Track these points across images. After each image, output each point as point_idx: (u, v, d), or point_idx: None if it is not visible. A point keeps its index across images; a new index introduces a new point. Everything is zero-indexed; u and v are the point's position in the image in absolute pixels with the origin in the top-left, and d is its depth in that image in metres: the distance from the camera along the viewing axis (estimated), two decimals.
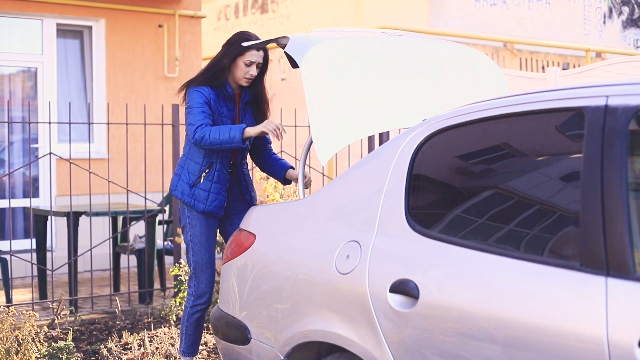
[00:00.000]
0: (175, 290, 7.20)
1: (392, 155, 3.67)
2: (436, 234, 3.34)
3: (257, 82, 5.37)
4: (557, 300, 2.82)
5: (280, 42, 4.73)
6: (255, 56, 5.22)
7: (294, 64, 4.60)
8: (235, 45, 5.23)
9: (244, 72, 5.23)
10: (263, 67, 5.34)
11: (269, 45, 5.34)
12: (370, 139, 8.52)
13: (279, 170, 5.51)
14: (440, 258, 3.28)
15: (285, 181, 5.52)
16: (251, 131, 5.02)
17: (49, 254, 8.88)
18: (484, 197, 3.38)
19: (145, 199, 8.18)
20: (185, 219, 5.36)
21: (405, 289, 3.28)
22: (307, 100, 4.28)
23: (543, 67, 14.26)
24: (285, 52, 4.59)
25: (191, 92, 5.23)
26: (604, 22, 15.58)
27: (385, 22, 12.78)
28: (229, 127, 5.04)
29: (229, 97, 5.29)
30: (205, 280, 5.33)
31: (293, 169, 5.48)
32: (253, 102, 5.42)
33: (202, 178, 5.24)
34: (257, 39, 5.24)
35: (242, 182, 5.43)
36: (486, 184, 3.43)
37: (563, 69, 13.08)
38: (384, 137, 8.29)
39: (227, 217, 5.43)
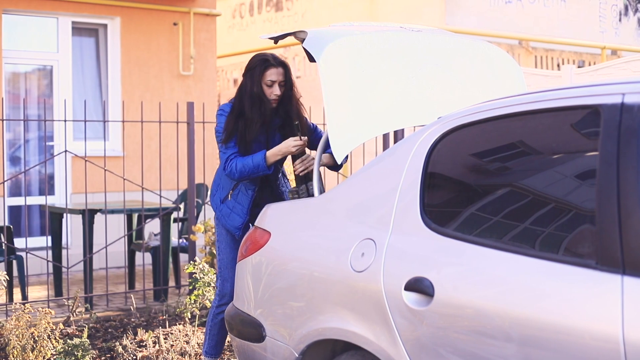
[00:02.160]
0: (190, 287, 7.20)
1: (407, 153, 3.66)
2: (451, 231, 3.34)
3: (286, 103, 5.18)
4: (572, 299, 2.82)
5: (299, 36, 4.72)
6: (275, 74, 5.07)
7: (312, 59, 4.59)
8: (257, 70, 5.10)
9: (268, 93, 5.08)
10: (287, 84, 5.16)
11: (286, 41, 5.32)
12: (385, 137, 8.51)
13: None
14: (455, 256, 3.27)
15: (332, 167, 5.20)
16: (271, 156, 5.01)
17: (64, 252, 8.91)
18: (499, 195, 3.37)
19: (160, 196, 8.19)
20: (219, 231, 5.38)
21: (420, 287, 3.28)
22: (324, 96, 4.27)
23: (558, 65, 14.22)
24: (303, 47, 4.58)
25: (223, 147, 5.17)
26: (620, 20, 15.52)
27: (400, 19, 12.77)
28: (252, 156, 5.03)
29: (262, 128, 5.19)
30: (230, 279, 5.28)
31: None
32: (283, 125, 5.25)
33: (230, 196, 5.24)
34: (275, 60, 5.12)
35: (281, 194, 5.36)
36: (502, 182, 3.42)
37: (579, 67, 13.04)
38: (398, 135, 8.27)
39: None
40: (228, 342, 6.47)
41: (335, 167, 5.14)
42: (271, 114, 5.15)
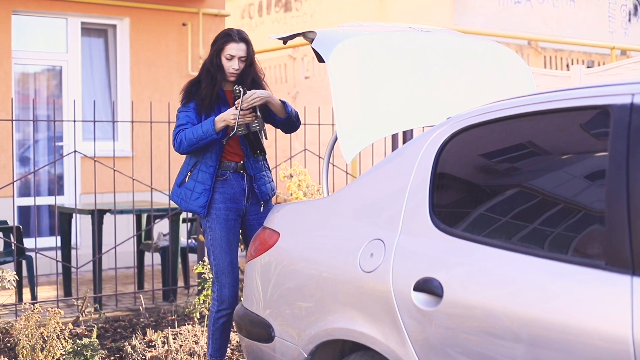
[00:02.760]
0: (199, 288, 7.22)
1: (416, 153, 3.66)
2: (460, 232, 3.33)
3: (246, 78, 5.29)
4: (581, 299, 2.81)
5: (308, 36, 4.72)
6: (235, 49, 5.23)
7: (321, 59, 4.59)
8: (218, 43, 5.30)
9: (226, 67, 5.24)
10: (247, 60, 5.29)
11: (295, 42, 5.35)
12: (394, 137, 8.50)
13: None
14: (464, 256, 3.27)
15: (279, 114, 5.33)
16: (217, 122, 5.10)
17: (73, 252, 8.92)
18: (508, 195, 3.37)
19: (169, 197, 8.19)
20: (205, 223, 5.36)
21: (429, 287, 3.28)
22: (332, 97, 4.28)
23: (567, 65, 14.19)
24: (312, 47, 4.58)
25: (178, 113, 5.40)
26: (629, 20, 15.48)
27: (408, 20, 12.76)
28: (200, 124, 5.16)
29: (222, 100, 5.31)
30: (228, 285, 5.29)
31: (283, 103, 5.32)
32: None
33: (188, 177, 5.32)
34: (236, 31, 5.31)
35: (252, 176, 5.35)
36: (511, 183, 3.42)
37: (588, 67, 13.01)
38: (407, 135, 8.27)
39: (245, 217, 5.43)
40: (237, 342, 6.48)
41: (281, 120, 5.33)
42: (232, 86, 5.26)
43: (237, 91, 5.10)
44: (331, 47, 4.41)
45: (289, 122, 5.38)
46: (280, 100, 5.28)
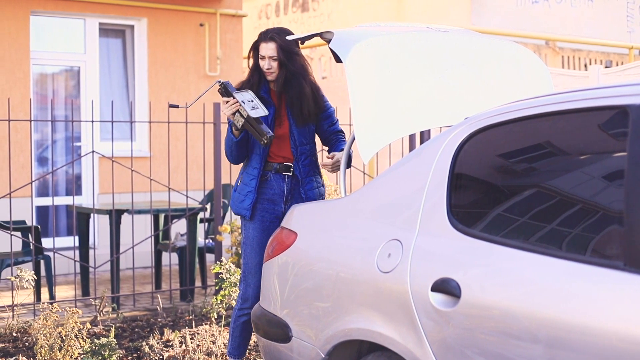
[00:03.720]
0: (217, 288, 7.22)
1: (434, 153, 3.66)
2: (478, 232, 3.33)
3: (279, 77, 5.24)
4: (600, 300, 2.80)
5: (325, 36, 4.72)
6: (264, 49, 5.21)
7: (338, 59, 4.59)
8: (254, 43, 5.32)
9: (261, 65, 5.24)
10: (286, 59, 5.20)
11: (313, 42, 5.33)
12: (412, 137, 8.50)
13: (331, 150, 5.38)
14: (482, 257, 3.26)
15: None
16: (232, 125, 5.17)
17: (91, 252, 8.96)
18: (526, 195, 3.36)
19: (187, 197, 8.22)
20: (241, 221, 5.38)
21: (446, 287, 3.27)
22: (350, 97, 4.28)
23: (585, 65, 14.15)
24: (329, 48, 4.58)
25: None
26: None
27: (426, 20, 12.75)
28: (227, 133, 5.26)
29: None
30: (254, 285, 5.24)
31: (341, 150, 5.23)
32: (296, 100, 5.26)
33: (240, 180, 5.32)
34: (269, 32, 5.24)
35: (300, 180, 5.26)
36: (528, 183, 3.41)
37: (606, 67, 12.97)
38: (425, 136, 8.26)
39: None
40: (254, 342, 6.48)
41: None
42: (277, 86, 5.27)
43: (220, 87, 5.17)
44: (349, 47, 4.40)
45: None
46: (343, 149, 5.11)
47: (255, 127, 5.01)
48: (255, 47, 5.28)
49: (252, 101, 5.10)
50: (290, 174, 5.24)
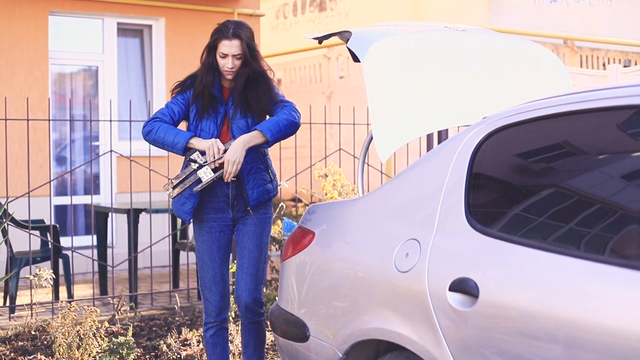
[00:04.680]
0: (233, 286, 7.23)
1: (452, 153, 3.65)
2: (496, 232, 3.32)
3: (240, 78, 4.88)
4: (619, 301, 2.79)
5: (343, 36, 4.72)
6: (227, 47, 4.83)
7: (356, 59, 4.59)
8: (211, 39, 4.97)
9: (221, 65, 4.88)
10: (251, 57, 4.87)
11: (330, 41, 5.27)
12: (429, 137, 8.48)
13: None
14: (500, 257, 3.25)
15: None
16: (196, 143, 4.76)
17: (109, 251, 8.99)
18: (545, 195, 3.35)
19: None
20: (193, 233, 5.11)
21: (464, 287, 3.27)
22: (368, 96, 4.27)
23: (604, 65, 14.10)
24: (347, 47, 4.58)
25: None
26: None
27: (443, 19, 12.72)
28: (178, 131, 4.79)
29: (217, 100, 4.91)
30: (212, 299, 5.06)
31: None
32: (248, 102, 4.91)
33: None
34: (230, 27, 4.87)
35: (242, 178, 4.89)
36: (547, 183, 3.40)
37: (624, 66, 12.91)
38: (442, 135, 8.25)
39: (237, 225, 5.05)
40: (272, 341, 6.49)
41: (268, 146, 4.84)
42: (232, 86, 4.92)
43: (193, 163, 4.79)
44: (366, 46, 4.40)
45: (278, 141, 4.87)
46: (256, 129, 4.78)
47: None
48: (213, 46, 4.91)
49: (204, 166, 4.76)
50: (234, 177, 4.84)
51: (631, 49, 14.49)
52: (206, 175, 4.73)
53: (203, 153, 4.76)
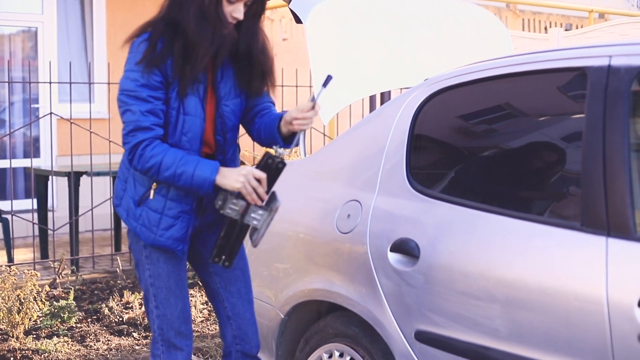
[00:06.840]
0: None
1: (393, 115, 3.65)
2: (437, 193, 3.34)
3: (251, 34, 3.48)
4: (557, 260, 2.83)
5: None
6: None
7: (299, 20, 4.56)
8: None
9: (227, 12, 3.34)
10: (258, 9, 3.49)
11: (272, 3, 5.23)
12: (372, 99, 8.49)
13: (273, 126, 3.45)
14: (440, 218, 3.27)
15: (286, 139, 3.43)
16: (221, 181, 3.25)
17: (50, 214, 8.88)
18: (484, 157, 3.37)
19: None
20: (140, 250, 3.50)
21: (405, 248, 3.28)
22: (310, 58, 4.26)
23: (546, 28, 14.20)
24: (289, 8, 4.55)
25: (128, 82, 3.65)
26: None
27: None
28: (197, 162, 3.26)
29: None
30: (183, 345, 3.53)
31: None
32: (239, 62, 3.47)
33: (152, 193, 3.41)
34: None
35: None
36: (487, 145, 3.42)
37: (566, 30, 13.01)
38: (385, 97, 8.26)
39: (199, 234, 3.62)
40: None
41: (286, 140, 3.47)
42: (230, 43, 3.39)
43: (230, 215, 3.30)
44: (309, 8, 4.38)
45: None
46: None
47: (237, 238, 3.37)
48: None
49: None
50: None
51: (572, 12, 14.59)
52: (258, 217, 3.34)
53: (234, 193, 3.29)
